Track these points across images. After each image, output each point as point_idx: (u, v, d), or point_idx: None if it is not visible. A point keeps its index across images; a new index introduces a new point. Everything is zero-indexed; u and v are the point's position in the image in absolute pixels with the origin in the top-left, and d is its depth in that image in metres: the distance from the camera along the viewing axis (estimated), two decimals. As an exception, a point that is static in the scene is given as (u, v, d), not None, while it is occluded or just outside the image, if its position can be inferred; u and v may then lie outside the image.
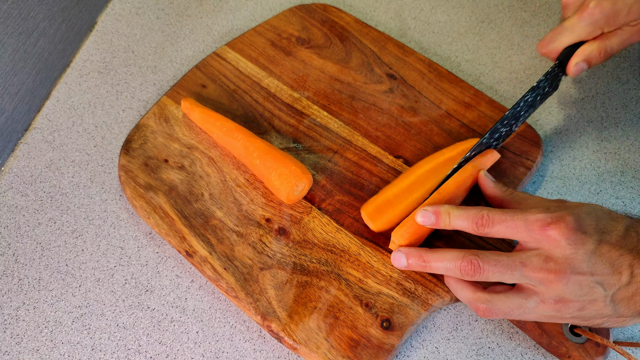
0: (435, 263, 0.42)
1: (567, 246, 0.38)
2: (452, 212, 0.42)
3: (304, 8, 0.64)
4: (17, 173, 0.54)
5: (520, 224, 0.39)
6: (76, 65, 0.62)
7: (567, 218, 0.38)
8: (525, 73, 0.62)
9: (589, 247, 0.38)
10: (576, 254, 0.38)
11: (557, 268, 0.38)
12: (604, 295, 0.38)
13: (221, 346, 0.46)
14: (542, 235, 0.38)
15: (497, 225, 0.40)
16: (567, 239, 0.38)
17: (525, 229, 0.39)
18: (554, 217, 0.38)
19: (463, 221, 0.42)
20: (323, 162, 0.53)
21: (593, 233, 0.38)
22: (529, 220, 0.39)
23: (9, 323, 0.46)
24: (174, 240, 0.48)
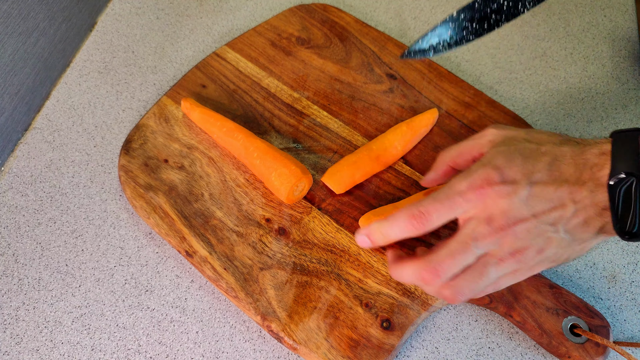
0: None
1: (501, 200, 0.37)
2: (382, 227, 0.40)
3: (304, 8, 0.64)
4: (17, 173, 0.54)
5: (456, 198, 0.38)
6: (76, 65, 0.62)
7: (490, 173, 0.38)
8: (525, 73, 0.62)
9: (522, 193, 0.37)
10: (512, 203, 0.37)
11: (501, 224, 0.37)
12: (554, 230, 0.37)
13: (221, 346, 0.46)
14: (477, 201, 0.37)
15: (434, 213, 0.38)
16: (498, 194, 0.37)
17: (462, 200, 0.38)
18: (479, 178, 0.38)
19: (398, 229, 0.40)
20: (323, 162, 0.53)
21: (521, 178, 0.37)
22: (462, 191, 0.38)
23: (8, 323, 0.46)
24: (174, 240, 0.48)
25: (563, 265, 0.41)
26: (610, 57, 0.63)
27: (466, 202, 0.38)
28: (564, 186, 0.37)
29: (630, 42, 0.64)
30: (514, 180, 0.37)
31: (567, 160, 0.38)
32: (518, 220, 0.37)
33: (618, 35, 0.65)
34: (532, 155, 0.39)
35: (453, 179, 0.39)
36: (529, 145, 0.39)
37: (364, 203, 0.51)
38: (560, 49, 0.64)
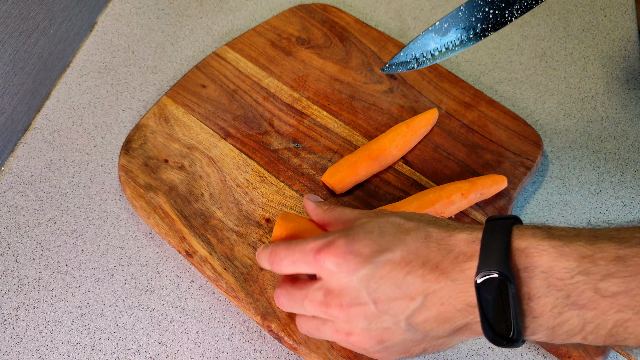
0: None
1: (340, 274, 0.33)
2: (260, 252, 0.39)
3: (304, 8, 0.64)
4: (17, 173, 0.54)
5: (298, 256, 0.35)
6: (76, 65, 0.62)
7: (337, 242, 0.34)
8: (525, 73, 0.62)
9: (364, 272, 0.33)
10: (351, 282, 0.33)
11: (335, 301, 0.34)
12: (395, 322, 0.33)
13: (221, 346, 0.46)
14: (315, 265, 0.34)
15: (283, 261, 0.36)
16: (337, 266, 0.33)
17: (303, 260, 0.35)
18: (324, 242, 0.34)
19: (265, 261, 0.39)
20: (323, 162, 0.53)
21: (369, 255, 0.33)
22: (305, 250, 0.35)
23: (8, 323, 0.46)
24: (174, 241, 0.48)
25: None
26: (610, 57, 0.63)
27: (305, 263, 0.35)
28: (418, 271, 0.32)
29: (630, 42, 0.64)
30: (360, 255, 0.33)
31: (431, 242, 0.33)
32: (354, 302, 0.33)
33: (618, 35, 0.65)
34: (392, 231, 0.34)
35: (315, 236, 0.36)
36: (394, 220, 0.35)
37: (364, 203, 0.51)
38: (560, 49, 0.64)
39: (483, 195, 0.50)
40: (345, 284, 0.33)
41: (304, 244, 0.35)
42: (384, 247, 0.33)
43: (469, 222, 0.50)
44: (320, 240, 0.35)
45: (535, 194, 0.54)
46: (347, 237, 0.34)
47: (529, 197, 0.54)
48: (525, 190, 0.54)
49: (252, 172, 0.52)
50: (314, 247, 0.34)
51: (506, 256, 0.31)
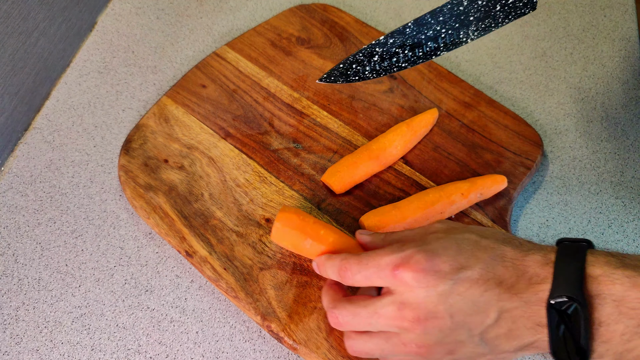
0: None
1: (419, 289, 0.34)
2: (324, 263, 0.40)
3: (304, 8, 0.64)
4: (17, 173, 0.54)
5: (373, 270, 0.35)
6: (76, 65, 0.62)
7: (416, 257, 0.34)
8: (525, 73, 0.62)
9: (443, 288, 0.33)
10: (429, 297, 0.34)
11: (412, 315, 0.34)
12: (469, 336, 0.34)
13: (221, 346, 0.46)
14: (393, 280, 0.34)
15: (357, 275, 0.36)
16: (417, 281, 0.34)
17: (377, 275, 0.35)
18: (402, 257, 0.34)
19: (332, 273, 0.39)
20: (323, 162, 0.53)
21: (448, 271, 0.33)
22: (381, 265, 0.35)
23: (8, 323, 0.46)
24: (174, 241, 0.48)
25: None
26: (610, 57, 0.63)
27: (380, 278, 0.35)
28: (495, 290, 0.33)
29: (630, 42, 0.64)
30: (440, 271, 0.34)
31: (506, 262, 0.34)
32: (431, 317, 0.34)
33: (618, 35, 0.65)
34: (469, 248, 0.35)
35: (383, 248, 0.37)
36: (469, 237, 0.36)
37: (364, 203, 0.51)
38: (560, 49, 0.64)
39: (483, 195, 0.50)
40: (424, 298, 0.34)
41: (379, 259, 0.36)
42: (462, 265, 0.34)
43: (469, 222, 0.50)
44: (397, 255, 0.35)
45: (535, 194, 0.54)
46: (425, 252, 0.34)
47: (529, 197, 0.54)
48: (525, 190, 0.54)
49: (252, 172, 0.52)
50: (390, 262, 0.35)
51: (580, 282, 0.32)
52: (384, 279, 0.35)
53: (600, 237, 0.51)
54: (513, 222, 0.52)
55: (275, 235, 0.43)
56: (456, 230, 0.37)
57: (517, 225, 0.52)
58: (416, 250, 0.35)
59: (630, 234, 0.51)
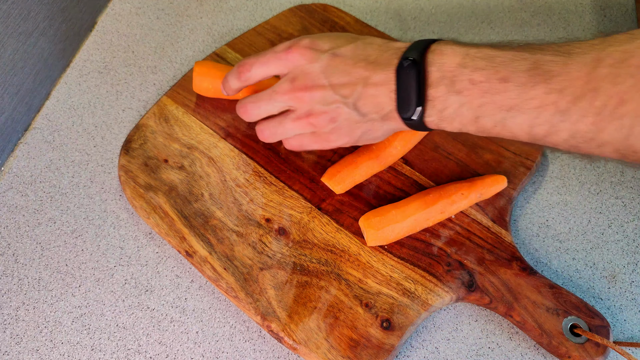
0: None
1: (305, 62, 0.43)
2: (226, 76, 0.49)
3: (304, 8, 0.64)
4: (17, 173, 0.54)
5: (270, 56, 0.45)
6: (76, 65, 0.62)
7: (303, 41, 0.44)
8: (525, 73, 0.62)
9: (323, 61, 0.42)
10: (313, 67, 0.42)
11: (301, 85, 0.43)
12: (344, 102, 0.42)
13: (221, 346, 0.46)
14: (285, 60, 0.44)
15: (254, 68, 0.45)
16: (303, 56, 0.43)
17: (274, 58, 0.44)
18: (292, 42, 0.44)
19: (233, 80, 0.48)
20: (323, 162, 0.53)
21: (327, 49, 0.43)
22: (276, 51, 0.44)
23: (8, 323, 0.46)
24: (174, 241, 0.48)
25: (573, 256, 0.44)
26: (610, 57, 0.63)
27: (277, 60, 0.44)
28: (362, 64, 0.41)
29: (630, 42, 0.64)
30: (320, 49, 0.43)
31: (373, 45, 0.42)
32: (316, 85, 0.42)
33: (618, 35, 0.65)
34: (345, 36, 0.44)
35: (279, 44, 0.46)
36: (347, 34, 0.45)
37: (364, 203, 0.51)
38: (560, 49, 0.64)
39: (483, 195, 0.50)
40: (308, 69, 0.43)
41: (274, 49, 0.45)
42: (339, 45, 0.43)
43: (469, 222, 0.50)
44: (288, 42, 0.45)
45: (535, 194, 0.54)
46: (310, 38, 0.44)
47: (529, 197, 0.54)
48: (525, 190, 0.54)
49: (252, 172, 0.52)
50: (283, 47, 0.45)
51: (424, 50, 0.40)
52: (279, 60, 0.44)
53: (600, 237, 0.51)
54: (513, 222, 0.52)
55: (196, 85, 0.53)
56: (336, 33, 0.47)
57: (517, 225, 0.52)
58: (303, 36, 0.45)
59: (630, 234, 0.51)
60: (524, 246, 0.51)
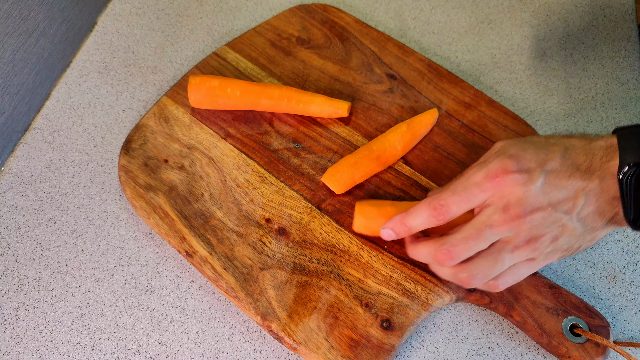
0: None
1: (518, 188, 0.38)
2: (405, 219, 0.42)
3: (304, 8, 0.64)
4: (17, 173, 0.54)
5: (472, 189, 0.39)
6: (76, 65, 0.62)
7: (506, 162, 0.39)
8: (525, 73, 0.62)
9: (538, 182, 0.38)
10: (529, 191, 0.38)
11: (518, 212, 0.38)
12: (568, 218, 0.39)
13: (221, 346, 0.46)
14: (494, 190, 0.39)
15: (453, 205, 0.40)
16: (515, 182, 0.38)
17: (479, 191, 0.39)
18: (495, 167, 0.39)
19: (420, 220, 0.42)
20: (323, 162, 0.53)
21: (535, 167, 0.39)
22: (478, 182, 0.39)
23: (8, 323, 0.46)
24: (174, 241, 0.48)
25: (573, 256, 0.43)
26: (610, 57, 0.63)
27: (483, 192, 0.39)
28: (577, 174, 0.38)
29: (630, 42, 0.64)
30: (529, 169, 0.39)
31: (577, 150, 0.39)
32: (535, 208, 0.38)
33: (618, 35, 0.65)
34: (543, 145, 0.40)
35: (469, 170, 0.41)
36: (538, 139, 0.41)
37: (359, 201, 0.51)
38: (560, 49, 0.64)
39: None
40: (524, 194, 0.38)
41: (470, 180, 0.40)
42: (544, 159, 0.39)
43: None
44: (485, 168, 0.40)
45: (535, 194, 0.54)
46: (511, 157, 0.39)
47: (529, 197, 0.53)
48: (525, 190, 0.54)
49: (252, 172, 0.52)
50: (484, 175, 0.39)
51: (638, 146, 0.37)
52: (486, 192, 0.39)
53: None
54: (513, 222, 0.52)
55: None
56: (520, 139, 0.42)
57: (517, 225, 0.52)
58: (501, 158, 0.40)
59: (630, 234, 0.51)
60: (524, 246, 0.51)
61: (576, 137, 0.41)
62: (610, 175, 0.38)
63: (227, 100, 0.54)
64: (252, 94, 0.54)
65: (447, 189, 0.41)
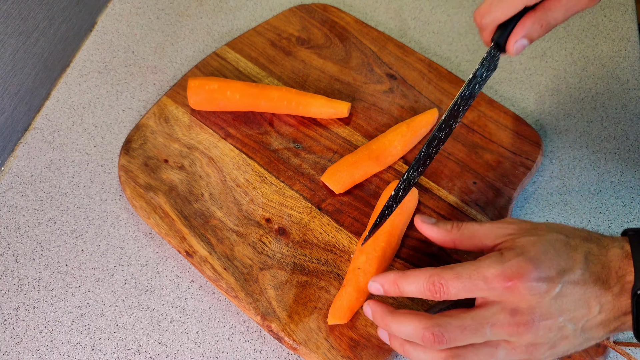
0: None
1: (532, 296, 0.36)
2: (399, 281, 0.39)
3: (304, 8, 0.64)
4: (17, 173, 0.54)
5: (479, 283, 0.36)
6: (76, 65, 0.62)
7: (526, 267, 0.36)
8: (525, 73, 0.62)
9: (553, 292, 0.36)
10: (542, 301, 0.36)
11: (525, 319, 0.36)
12: (573, 330, 0.37)
13: (221, 346, 0.46)
14: (504, 292, 0.36)
15: (453, 289, 0.37)
16: (531, 291, 0.36)
17: (486, 287, 0.36)
18: (512, 270, 0.36)
19: (414, 289, 0.38)
20: (323, 162, 0.53)
21: (555, 277, 0.36)
22: (488, 278, 0.36)
23: (8, 323, 0.46)
24: (174, 241, 0.48)
25: None
26: (610, 57, 0.63)
27: (490, 290, 0.36)
28: (594, 287, 0.37)
29: (630, 42, 0.64)
30: (549, 278, 0.36)
31: (595, 259, 0.37)
32: (545, 317, 0.36)
33: (618, 35, 0.65)
34: (563, 250, 0.38)
35: (484, 260, 0.37)
36: (559, 237, 0.38)
37: (364, 203, 0.51)
38: (560, 49, 0.64)
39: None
40: (537, 303, 0.36)
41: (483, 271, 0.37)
42: (564, 268, 0.37)
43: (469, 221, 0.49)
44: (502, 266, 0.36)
45: (535, 194, 0.54)
46: (531, 261, 0.36)
47: (529, 197, 0.54)
48: (525, 190, 0.54)
49: (252, 172, 0.52)
50: (498, 274, 0.36)
51: None
52: (493, 290, 0.36)
53: (600, 237, 0.51)
54: (513, 222, 0.52)
55: None
56: (541, 230, 0.39)
57: (517, 225, 0.52)
58: (521, 260, 0.36)
59: (630, 234, 0.51)
60: (524, 246, 0.51)
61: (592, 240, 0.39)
62: (625, 292, 0.36)
63: (226, 102, 0.54)
64: (252, 97, 0.54)
65: (453, 270, 0.37)
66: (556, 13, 0.42)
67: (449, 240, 0.42)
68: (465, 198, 0.51)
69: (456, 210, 0.50)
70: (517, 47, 0.44)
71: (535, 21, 0.43)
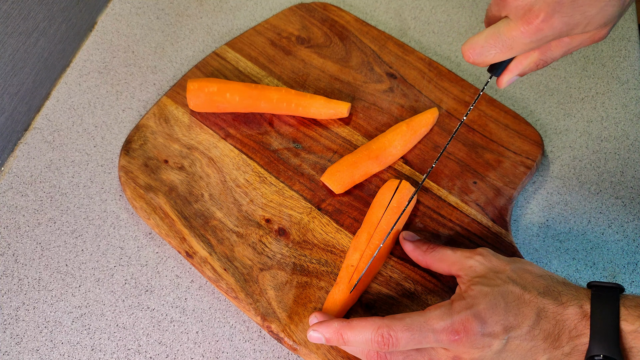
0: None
1: (475, 350, 0.37)
2: (344, 332, 0.39)
3: (304, 7, 0.64)
4: (17, 173, 0.54)
5: (428, 335, 0.37)
6: (76, 65, 0.62)
7: (471, 323, 0.37)
8: (525, 73, 0.62)
9: (496, 348, 0.37)
10: (484, 355, 0.37)
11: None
12: None
13: (221, 346, 0.46)
14: (450, 344, 0.37)
15: (402, 341, 0.38)
16: (473, 345, 0.37)
17: (434, 338, 0.37)
18: (458, 325, 0.37)
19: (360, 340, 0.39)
20: (323, 162, 0.53)
21: (500, 332, 0.37)
22: (436, 330, 0.37)
23: (8, 323, 0.46)
24: (174, 241, 0.48)
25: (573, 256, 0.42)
26: (610, 57, 0.63)
27: (437, 342, 0.37)
28: (543, 343, 0.37)
29: (630, 42, 0.64)
30: (493, 333, 0.37)
31: (548, 315, 0.37)
32: None
33: (618, 35, 0.65)
34: (515, 304, 0.38)
35: (432, 312, 0.38)
36: (513, 289, 0.39)
37: (364, 203, 0.51)
38: (561, 49, 0.64)
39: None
40: (479, 357, 0.37)
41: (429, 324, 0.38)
42: (512, 324, 0.37)
43: (469, 221, 0.50)
44: (450, 320, 0.37)
45: (535, 194, 0.54)
46: (476, 317, 0.37)
47: (529, 197, 0.54)
48: (525, 190, 0.54)
49: (252, 172, 0.52)
50: (445, 327, 0.37)
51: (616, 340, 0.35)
52: (440, 342, 0.37)
53: (600, 237, 0.51)
54: (513, 222, 0.52)
55: None
56: (500, 276, 0.40)
57: (517, 225, 0.52)
58: (468, 314, 0.37)
59: (630, 234, 0.51)
60: (524, 246, 0.51)
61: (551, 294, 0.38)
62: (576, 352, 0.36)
63: (226, 104, 0.54)
64: (251, 98, 0.53)
65: (402, 322, 0.38)
66: (556, 52, 0.41)
67: (422, 260, 0.45)
68: (465, 198, 0.51)
69: (456, 210, 0.50)
70: (509, 82, 0.43)
71: (533, 60, 0.41)
